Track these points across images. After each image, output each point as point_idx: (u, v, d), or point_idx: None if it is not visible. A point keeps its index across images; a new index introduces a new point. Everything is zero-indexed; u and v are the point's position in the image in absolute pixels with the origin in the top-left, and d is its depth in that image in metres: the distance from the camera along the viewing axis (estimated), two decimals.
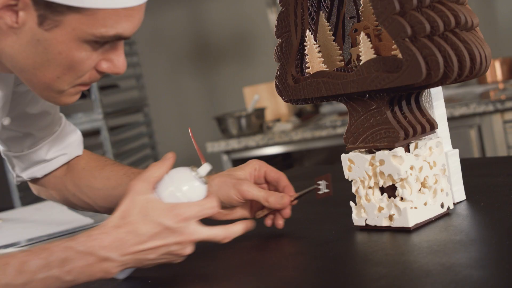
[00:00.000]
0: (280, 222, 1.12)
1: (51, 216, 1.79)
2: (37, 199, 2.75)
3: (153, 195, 0.95)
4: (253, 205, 1.16)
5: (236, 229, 1.00)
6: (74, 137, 1.30)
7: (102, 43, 0.95)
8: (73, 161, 1.31)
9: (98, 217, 1.63)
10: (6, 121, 1.18)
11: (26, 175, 1.30)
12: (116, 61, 0.99)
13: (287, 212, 1.11)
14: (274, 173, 1.15)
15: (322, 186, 1.07)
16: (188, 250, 0.96)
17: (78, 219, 1.65)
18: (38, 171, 1.30)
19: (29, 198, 3.36)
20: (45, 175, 1.31)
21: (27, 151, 1.27)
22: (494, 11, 3.28)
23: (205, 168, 1.00)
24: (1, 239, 1.57)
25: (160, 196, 0.96)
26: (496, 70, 3.06)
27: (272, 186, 1.16)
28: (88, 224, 1.57)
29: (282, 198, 1.09)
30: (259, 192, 1.10)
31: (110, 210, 1.27)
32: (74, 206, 1.32)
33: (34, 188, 1.35)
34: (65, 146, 1.29)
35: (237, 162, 3.26)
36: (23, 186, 3.33)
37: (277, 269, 0.97)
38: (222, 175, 1.15)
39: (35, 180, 1.33)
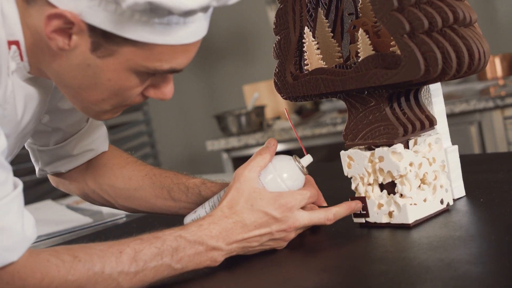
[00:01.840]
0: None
1: (50, 215, 1.79)
2: (35, 199, 2.74)
3: (258, 184, 1.00)
4: None
5: (339, 210, 1.03)
6: (99, 132, 1.28)
7: (153, 74, 0.94)
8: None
9: (98, 216, 1.63)
10: (45, 119, 1.16)
11: (50, 169, 1.28)
12: (164, 89, 0.98)
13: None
14: None
15: None
16: (291, 235, 1.01)
17: (77, 218, 1.65)
18: (62, 166, 1.28)
19: (28, 198, 3.33)
20: (68, 170, 1.30)
21: (53, 146, 1.25)
22: (494, 8, 3.27)
23: (307, 159, 1.05)
24: None
25: (262, 181, 1.01)
26: (496, 66, 3.06)
27: None
28: (87, 224, 1.57)
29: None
30: None
31: (132, 210, 1.27)
32: (92, 201, 1.31)
33: (53, 181, 1.33)
34: (91, 141, 1.27)
35: (237, 161, 3.26)
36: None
37: (277, 265, 0.97)
38: None
39: (57, 174, 1.31)
